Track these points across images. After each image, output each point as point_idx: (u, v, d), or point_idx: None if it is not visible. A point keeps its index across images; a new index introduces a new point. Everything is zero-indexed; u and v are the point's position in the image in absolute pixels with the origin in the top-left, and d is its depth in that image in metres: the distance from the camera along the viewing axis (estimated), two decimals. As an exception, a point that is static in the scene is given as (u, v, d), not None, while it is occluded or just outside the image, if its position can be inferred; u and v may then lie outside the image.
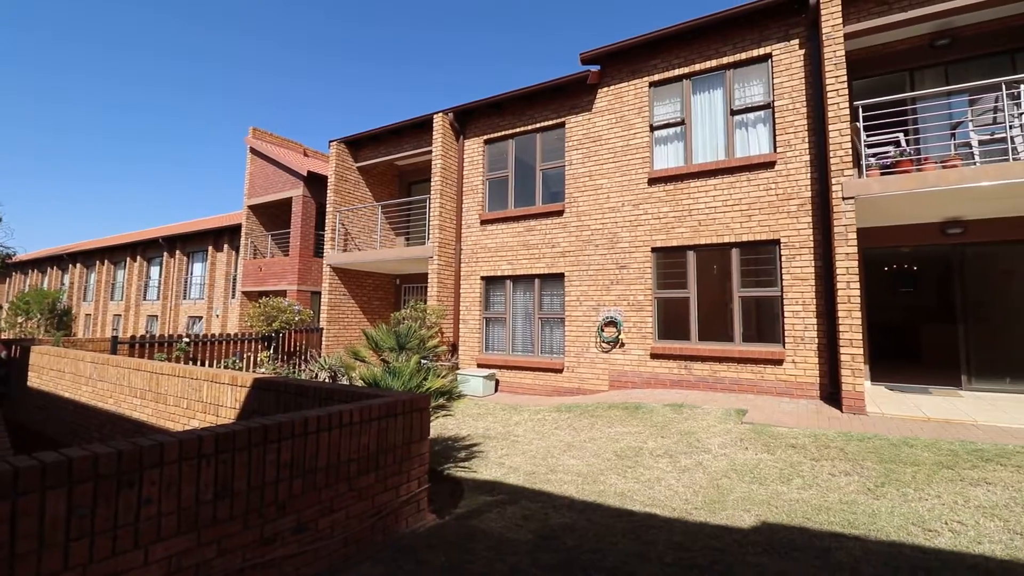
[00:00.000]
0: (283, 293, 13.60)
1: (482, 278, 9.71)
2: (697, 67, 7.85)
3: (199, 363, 8.95)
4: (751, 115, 7.54)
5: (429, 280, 9.65)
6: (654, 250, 7.96)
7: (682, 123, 7.97)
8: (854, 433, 4.89)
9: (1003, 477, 3.76)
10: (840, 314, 6.01)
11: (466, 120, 10.22)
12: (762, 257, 7.20)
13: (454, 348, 9.66)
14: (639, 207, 8.11)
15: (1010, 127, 5.79)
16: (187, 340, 9.04)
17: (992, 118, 6.03)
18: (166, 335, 11.46)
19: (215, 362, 9.24)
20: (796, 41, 7.18)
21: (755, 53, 7.43)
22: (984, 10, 6.34)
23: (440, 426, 6.61)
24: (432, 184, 9.93)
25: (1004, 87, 5.79)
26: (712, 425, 5.54)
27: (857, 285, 6.02)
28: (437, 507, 3.81)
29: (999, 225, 6.90)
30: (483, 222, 9.78)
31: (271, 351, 10.20)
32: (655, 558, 3.09)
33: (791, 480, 4.07)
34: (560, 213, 8.86)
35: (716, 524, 3.53)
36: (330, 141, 11.90)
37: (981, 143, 6.13)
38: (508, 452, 5.49)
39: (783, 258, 6.95)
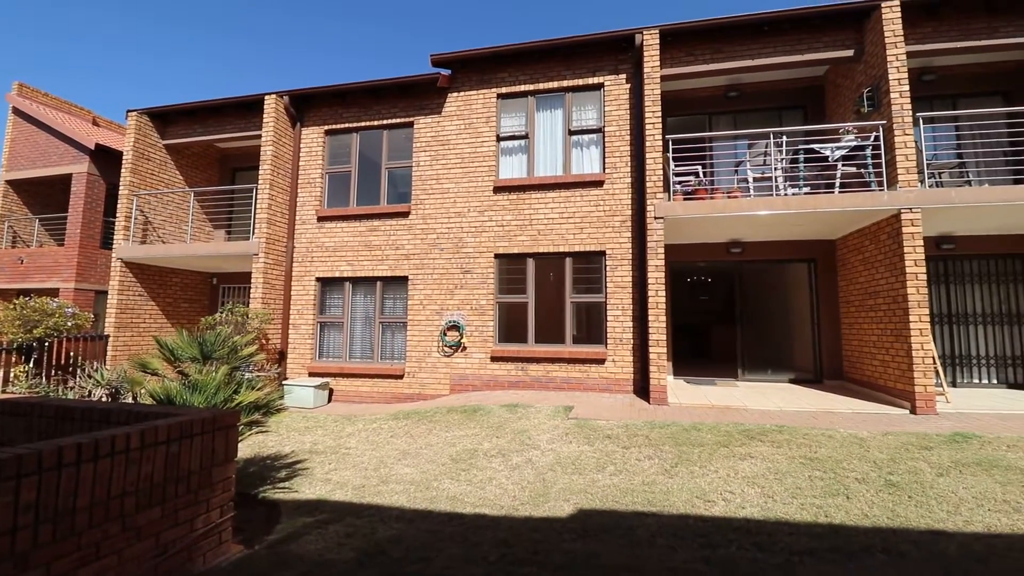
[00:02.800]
0: (55, 292, 10.88)
1: (318, 279, 8.94)
2: (541, 86, 8.32)
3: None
4: (586, 136, 8.21)
5: (254, 280, 8.55)
6: (497, 256, 8.16)
7: (526, 137, 8.36)
8: (657, 422, 5.53)
9: (763, 451, 4.55)
10: (650, 318, 6.81)
11: (305, 107, 9.39)
12: (591, 266, 7.86)
13: (281, 356, 8.69)
14: (484, 214, 8.26)
15: (775, 168, 7.21)
16: None
17: (763, 160, 7.46)
18: None
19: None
20: (624, 76, 8.04)
21: (591, 81, 8.14)
22: (759, 72, 7.85)
23: (258, 444, 5.88)
24: (261, 172, 8.87)
25: (772, 136, 7.20)
26: (543, 422, 5.79)
27: (664, 293, 6.88)
28: (246, 536, 3.34)
29: (767, 247, 8.54)
30: (321, 219, 9.03)
31: (31, 364, 8.02)
32: (480, 558, 3.05)
33: (605, 468, 4.41)
34: (406, 214, 8.60)
35: (539, 516, 3.64)
36: (128, 111, 9.90)
37: (755, 179, 7.54)
38: (337, 466, 5.06)
39: (608, 268, 7.67)
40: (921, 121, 6.74)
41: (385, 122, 8.96)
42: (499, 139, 8.45)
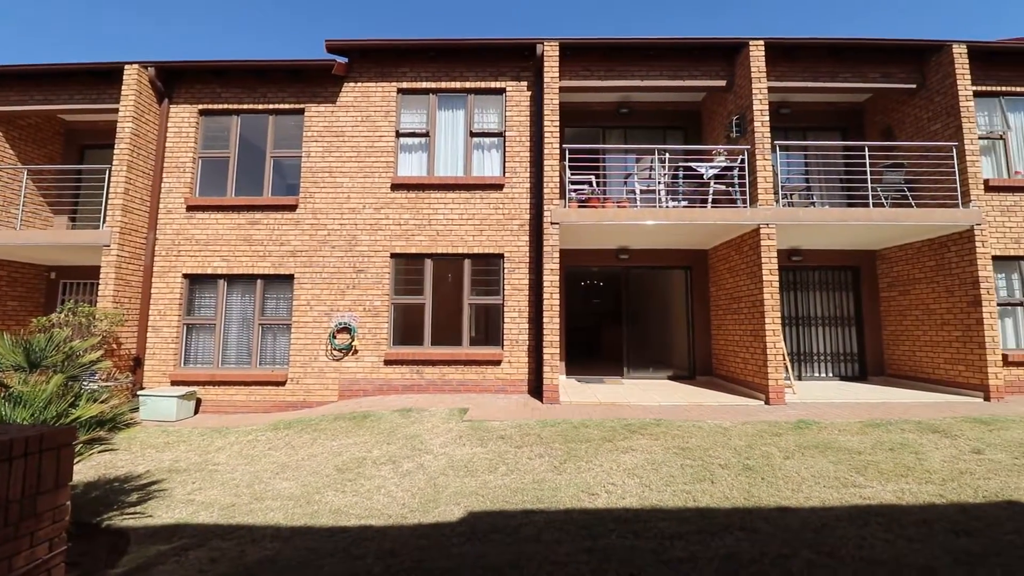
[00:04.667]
0: None
1: (185, 276, 7.96)
2: (444, 85, 8.21)
3: None
4: (487, 139, 8.25)
5: (104, 276, 7.39)
6: (394, 256, 7.88)
7: (427, 135, 8.19)
8: (549, 420, 5.67)
9: (642, 444, 4.85)
10: (545, 320, 6.99)
11: (176, 82, 8.34)
12: (490, 268, 7.89)
13: (137, 363, 7.59)
14: (381, 211, 7.94)
15: (659, 182, 7.80)
16: None
17: (649, 173, 8.03)
18: None
19: None
20: (525, 83, 8.21)
21: (493, 85, 8.20)
22: (647, 93, 8.47)
23: (104, 465, 5.12)
24: (117, 152, 7.70)
25: (657, 153, 7.79)
26: (436, 426, 5.66)
27: (559, 296, 7.11)
28: (83, 572, 2.95)
29: (651, 254, 9.20)
30: (192, 208, 8.06)
31: None
32: (363, 572, 2.89)
33: (497, 469, 4.41)
34: (293, 208, 7.98)
35: (429, 523, 3.53)
36: (-64, 65, 8.09)
37: (642, 191, 8.09)
38: (202, 485, 4.52)
39: (506, 270, 7.76)
40: (778, 148, 7.70)
41: (272, 107, 8.26)
42: (399, 135, 8.19)
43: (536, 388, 7.40)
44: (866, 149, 7.82)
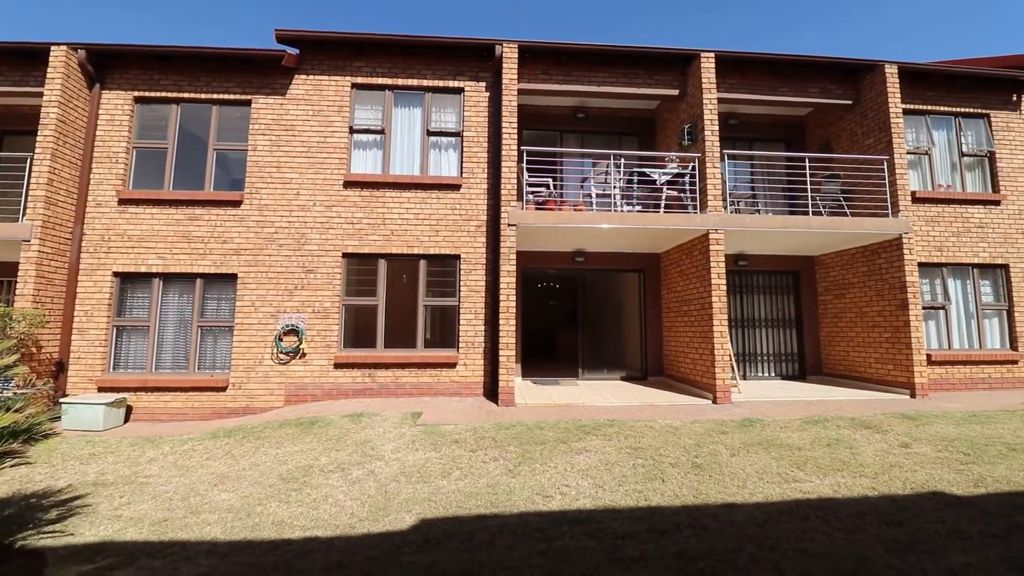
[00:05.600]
0: None
1: (116, 274, 7.40)
2: (400, 82, 8.03)
3: None
4: (444, 139, 8.13)
5: (23, 272, 6.76)
6: (346, 255, 7.63)
7: (382, 132, 7.99)
8: (504, 423, 5.62)
9: (596, 445, 4.89)
10: (501, 322, 6.95)
11: (110, 66, 7.77)
12: (446, 269, 7.78)
13: (60, 368, 6.99)
14: (332, 209, 7.67)
15: (614, 187, 7.92)
16: None
17: (605, 178, 8.16)
18: None
19: None
20: (484, 84, 8.16)
21: (451, 84, 8.10)
22: (603, 99, 8.60)
23: (20, 480, 4.69)
24: (41, 139, 7.07)
25: (612, 158, 7.92)
26: (388, 431, 5.50)
27: (515, 297, 7.10)
28: None
29: (606, 258, 9.35)
30: (124, 202, 7.51)
31: None
32: (305, 587, 2.73)
33: (451, 474, 4.32)
34: (238, 203, 7.59)
35: (378, 532, 3.40)
36: None
37: (598, 195, 8.20)
38: (131, 500, 4.20)
39: (462, 271, 7.67)
40: (726, 157, 8.00)
41: (216, 96, 7.83)
42: (352, 131, 7.94)
43: (492, 391, 7.34)
44: (807, 160, 8.27)
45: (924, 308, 8.23)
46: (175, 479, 4.66)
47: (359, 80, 7.99)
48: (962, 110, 8.79)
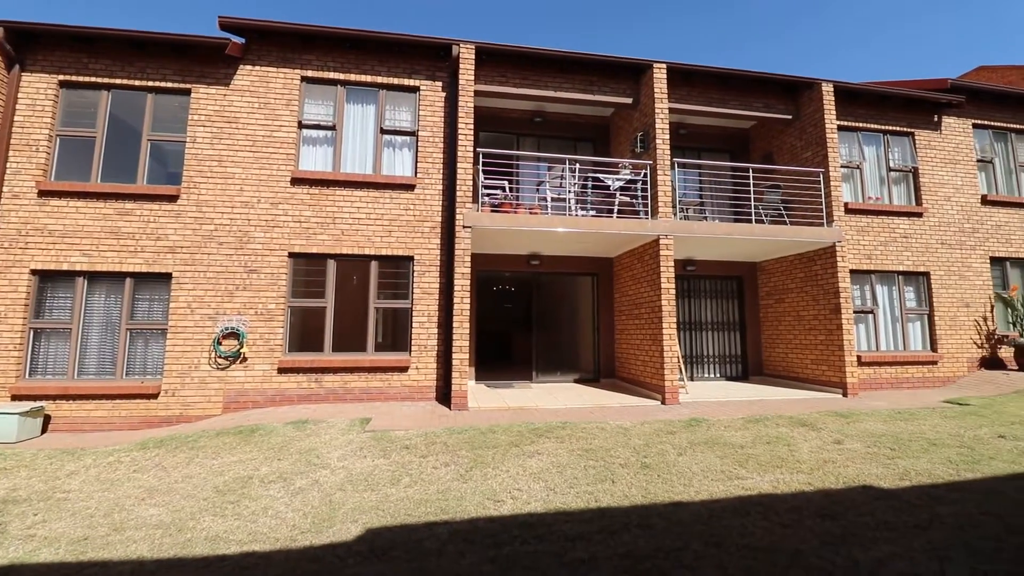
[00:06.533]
0: None
1: (35, 272, 6.79)
2: (353, 77, 7.81)
3: None
4: (399, 138, 7.96)
5: (-81, 267, 6.09)
6: (292, 255, 7.32)
7: (333, 128, 7.73)
8: (456, 427, 5.53)
9: (548, 447, 4.88)
10: (455, 324, 6.85)
11: (30, 47, 7.14)
12: (399, 271, 7.61)
13: (-36, 373, 6.33)
14: (278, 206, 7.35)
15: (569, 191, 8.00)
16: None
17: (560, 182, 8.24)
18: None
19: None
20: (440, 84, 8.05)
21: (406, 83, 7.94)
22: (560, 104, 8.70)
23: None
24: (-57, 121, 6.42)
25: (568, 163, 8.00)
26: (335, 438, 5.28)
27: (469, 300, 7.02)
28: None
29: (560, 261, 9.43)
30: (45, 194, 6.91)
31: None
32: (237, 606, 2.55)
33: (400, 480, 4.19)
34: (174, 198, 7.13)
35: (321, 544, 3.24)
36: None
37: (553, 199, 8.26)
38: (46, 518, 3.83)
39: (415, 273, 7.52)
40: (676, 165, 8.26)
41: (151, 84, 7.34)
42: (301, 126, 7.65)
43: (445, 395, 7.22)
44: (750, 171, 8.66)
45: (855, 312, 8.76)
46: (97, 494, 4.29)
47: (309, 74, 7.71)
48: (890, 128, 9.47)
